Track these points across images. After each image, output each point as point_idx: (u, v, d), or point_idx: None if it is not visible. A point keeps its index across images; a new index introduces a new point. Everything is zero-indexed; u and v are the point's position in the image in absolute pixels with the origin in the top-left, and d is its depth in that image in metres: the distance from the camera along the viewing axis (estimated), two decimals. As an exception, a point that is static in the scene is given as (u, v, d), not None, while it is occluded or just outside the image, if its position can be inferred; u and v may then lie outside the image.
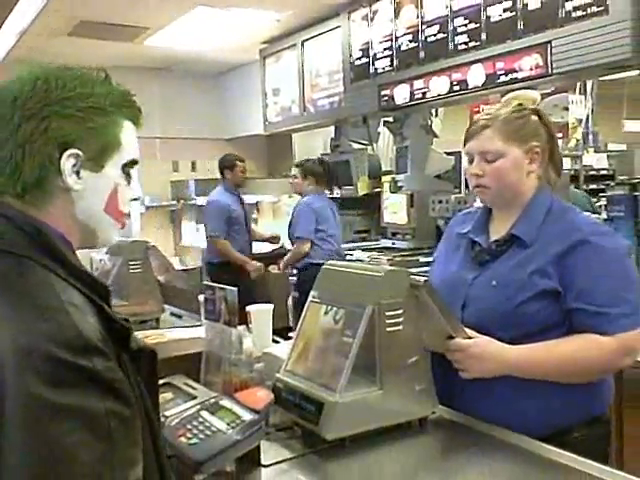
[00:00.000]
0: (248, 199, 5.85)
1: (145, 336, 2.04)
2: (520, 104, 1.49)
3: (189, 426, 1.15)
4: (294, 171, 4.28)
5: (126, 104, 0.87)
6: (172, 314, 2.69)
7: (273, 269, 5.06)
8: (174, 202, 5.92)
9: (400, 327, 1.29)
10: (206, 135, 6.16)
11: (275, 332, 1.92)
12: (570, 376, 1.37)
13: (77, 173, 0.81)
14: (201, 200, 5.51)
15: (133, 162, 0.88)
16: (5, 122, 0.79)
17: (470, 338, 1.35)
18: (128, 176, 0.88)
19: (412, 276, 1.33)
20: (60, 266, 0.75)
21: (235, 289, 1.43)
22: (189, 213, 5.89)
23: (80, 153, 0.81)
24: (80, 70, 0.85)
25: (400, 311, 1.29)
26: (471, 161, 1.49)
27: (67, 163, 0.80)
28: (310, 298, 1.43)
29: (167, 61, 5.65)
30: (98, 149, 0.83)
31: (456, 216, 1.75)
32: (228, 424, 1.14)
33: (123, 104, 0.87)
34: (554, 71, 2.90)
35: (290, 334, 1.49)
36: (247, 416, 1.16)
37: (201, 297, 1.69)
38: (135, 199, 0.91)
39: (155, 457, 0.81)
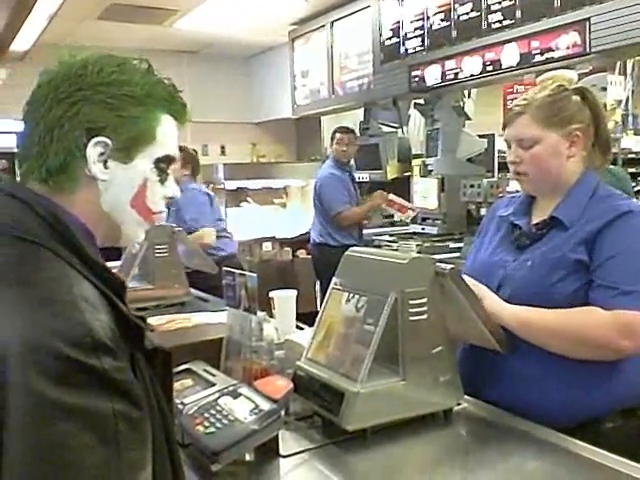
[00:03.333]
0: (276, 183, 5.77)
1: (171, 320, 2.04)
2: (560, 85, 1.43)
3: (207, 414, 1.14)
4: None
5: (167, 97, 0.83)
6: (198, 298, 2.69)
7: (301, 253, 5.06)
8: (203, 186, 5.93)
9: (424, 316, 1.25)
10: (235, 119, 6.14)
11: (301, 317, 1.89)
12: (563, 343, 1.31)
13: (104, 162, 0.78)
14: (230, 184, 5.51)
15: (168, 158, 0.84)
16: (39, 104, 0.77)
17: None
18: (162, 172, 0.84)
19: (437, 263, 1.28)
20: (76, 257, 0.73)
21: (255, 275, 1.40)
22: (218, 197, 5.89)
23: (109, 142, 0.77)
24: (123, 59, 0.82)
25: (424, 300, 1.25)
26: (510, 148, 1.45)
27: (94, 151, 0.77)
28: (332, 285, 1.40)
29: (196, 44, 5.64)
30: (129, 139, 0.79)
31: (502, 199, 1.72)
32: (246, 413, 1.12)
33: (164, 97, 0.82)
34: (592, 50, 2.79)
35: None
36: (265, 405, 1.13)
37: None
38: (170, 198, 0.86)
39: (169, 458, 0.78)
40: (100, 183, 0.79)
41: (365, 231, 4.37)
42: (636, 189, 5.12)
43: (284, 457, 1.18)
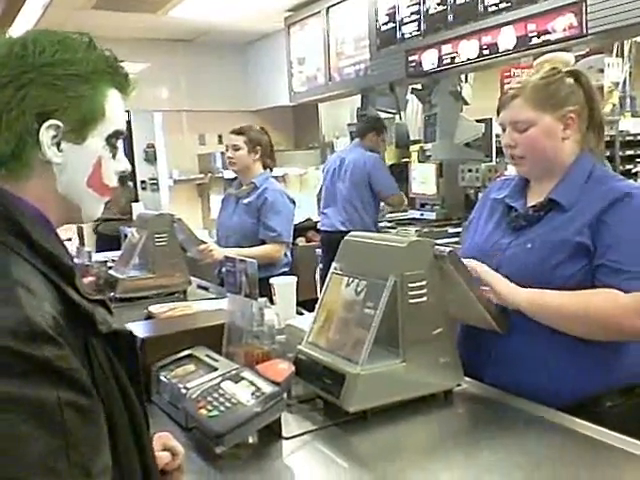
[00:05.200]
0: (274, 171, 5.80)
1: (172, 308, 2.06)
2: (554, 68, 1.43)
3: (210, 398, 1.15)
4: (235, 139, 2.91)
5: (110, 70, 0.81)
6: (199, 286, 2.70)
7: (300, 241, 5.06)
8: (201, 175, 5.92)
9: (424, 299, 1.26)
10: (232, 107, 6.11)
11: (301, 304, 1.90)
12: (582, 325, 1.31)
13: (57, 145, 0.76)
14: (228, 173, 5.50)
15: (118, 133, 0.83)
16: None
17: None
18: (113, 148, 0.83)
19: (436, 246, 1.29)
20: (25, 245, 0.71)
21: (255, 262, 1.41)
22: (216, 186, 5.90)
23: (60, 124, 0.75)
24: (62, 34, 0.78)
25: (423, 282, 1.26)
26: (504, 132, 1.46)
27: (46, 135, 0.75)
28: (332, 270, 1.41)
29: (192, 32, 5.60)
30: (80, 119, 0.77)
31: (494, 182, 1.72)
32: (248, 396, 1.13)
33: (107, 70, 0.80)
34: (589, 31, 2.78)
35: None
36: (268, 388, 1.15)
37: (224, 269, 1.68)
38: (122, 172, 0.85)
39: (134, 441, 0.76)
40: (55, 166, 0.77)
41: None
42: (634, 171, 5.12)
43: (287, 439, 1.20)
